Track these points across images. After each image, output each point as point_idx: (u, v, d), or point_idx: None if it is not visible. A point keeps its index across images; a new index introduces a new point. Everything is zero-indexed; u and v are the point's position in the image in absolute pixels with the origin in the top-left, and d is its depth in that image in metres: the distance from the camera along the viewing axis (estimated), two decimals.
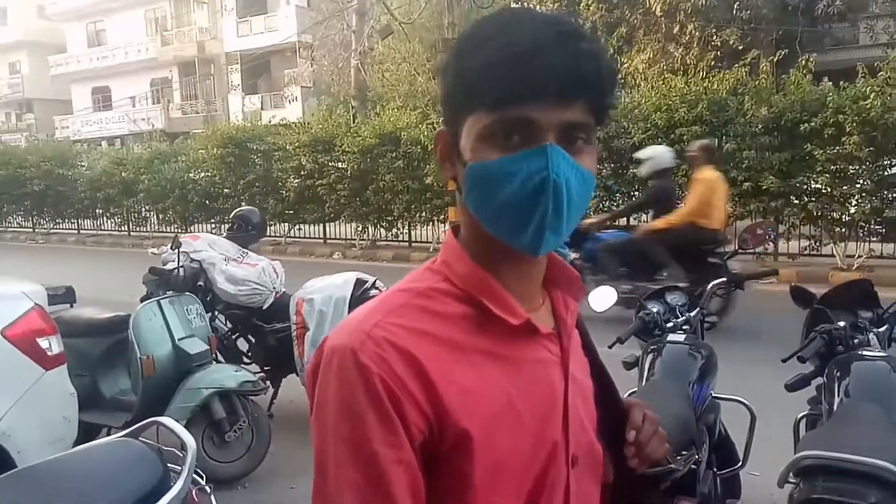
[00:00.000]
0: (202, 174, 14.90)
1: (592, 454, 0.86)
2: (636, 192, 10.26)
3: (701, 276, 4.45)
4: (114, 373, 4.15)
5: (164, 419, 2.39)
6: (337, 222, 13.54)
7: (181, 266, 3.98)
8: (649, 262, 6.18)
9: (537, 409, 0.78)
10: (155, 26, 30.73)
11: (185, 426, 3.57)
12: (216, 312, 4.60)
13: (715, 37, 14.92)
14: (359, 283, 4.25)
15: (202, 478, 2.48)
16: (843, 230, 8.91)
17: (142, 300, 3.91)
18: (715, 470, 2.54)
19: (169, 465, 2.21)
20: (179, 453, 2.23)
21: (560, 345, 0.83)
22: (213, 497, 2.24)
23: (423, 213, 12.09)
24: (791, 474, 1.86)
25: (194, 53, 29.06)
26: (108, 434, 3.69)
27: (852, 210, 8.70)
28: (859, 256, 8.84)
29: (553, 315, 0.86)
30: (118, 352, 4.05)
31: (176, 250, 4.03)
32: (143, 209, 16.47)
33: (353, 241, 13.18)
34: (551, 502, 0.79)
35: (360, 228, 12.99)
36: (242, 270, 4.40)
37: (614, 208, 10.34)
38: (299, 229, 14.12)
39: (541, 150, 0.70)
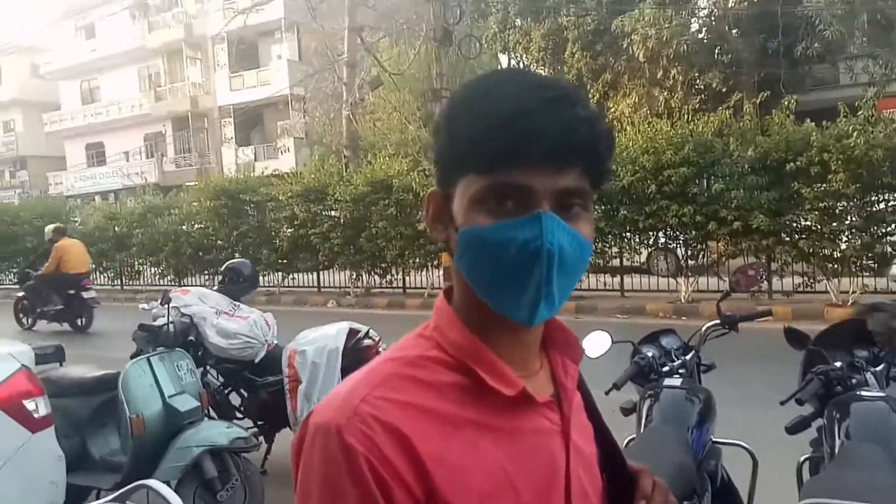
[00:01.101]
0: (195, 226, 14.95)
1: None
2: (627, 234, 10.34)
3: None
4: (104, 432, 4.07)
5: (152, 482, 2.35)
6: (331, 270, 13.54)
7: (171, 322, 3.94)
8: None
9: (537, 483, 0.74)
10: (148, 82, 31.17)
11: (176, 486, 3.53)
12: (208, 367, 4.54)
13: (698, 80, 15.27)
14: (352, 332, 4.21)
15: None
16: (836, 266, 8.95)
17: (132, 357, 3.86)
18: None
19: None
20: None
21: (560, 412, 0.80)
22: None
23: (417, 259, 12.10)
24: None
25: (188, 108, 29.41)
26: (98, 496, 3.60)
27: (843, 246, 8.75)
28: (853, 292, 8.85)
29: (552, 380, 0.82)
30: (108, 411, 3.97)
31: (166, 306, 4.00)
32: (136, 263, 16.47)
33: (347, 289, 13.14)
34: None
35: (353, 276, 12.98)
36: (234, 324, 4.36)
37: (605, 249, 10.40)
38: (293, 278, 14.09)
39: (535, 217, 0.69)
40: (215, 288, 4.88)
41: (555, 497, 0.76)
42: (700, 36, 16.18)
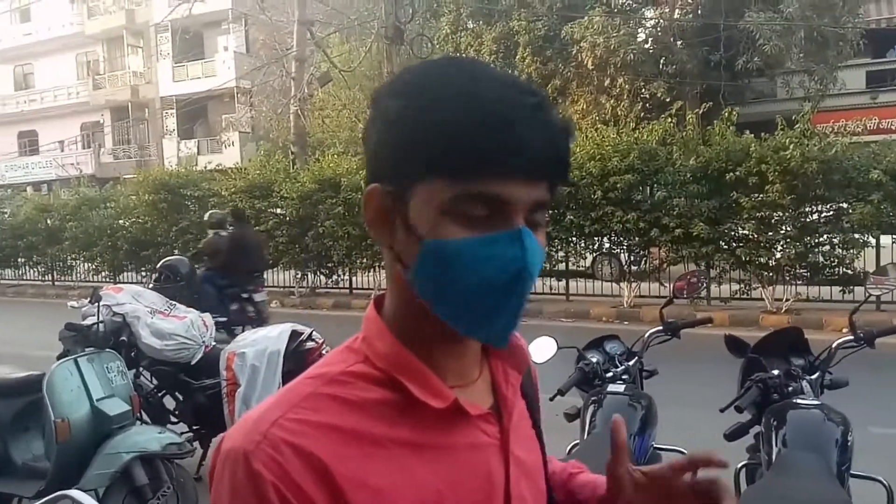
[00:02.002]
0: (133, 221, 14.43)
1: None
2: (573, 238, 10.47)
3: None
4: (26, 437, 3.86)
5: (74, 492, 2.22)
6: (275, 269, 13.26)
7: (101, 321, 3.76)
8: None
9: (473, 500, 0.70)
10: (87, 70, 30.04)
11: (104, 494, 3.37)
12: (141, 369, 4.37)
13: (643, 90, 15.62)
14: (294, 335, 4.10)
15: None
16: (771, 274, 9.26)
17: (58, 358, 3.67)
18: None
19: None
20: None
21: (500, 424, 0.75)
22: None
23: (364, 260, 11.96)
24: None
25: (128, 98, 28.47)
26: None
27: (778, 255, 9.06)
28: (787, 300, 9.18)
29: (493, 389, 0.77)
30: (32, 414, 3.77)
31: (96, 304, 3.81)
32: (69, 258, 15.81)
33: (291, 289, 12.91)
34: None
35: (298, 275, 12.75)
36: (169, 324, 4.20)
37: (552, 253, 10.51)
38: None
39: (514, 234, 0.64)
40: (150, 286, 4.69)
41: None
42: (646, 46, 16.58)
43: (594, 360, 2.78)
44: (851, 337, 2.64)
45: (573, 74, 16.37)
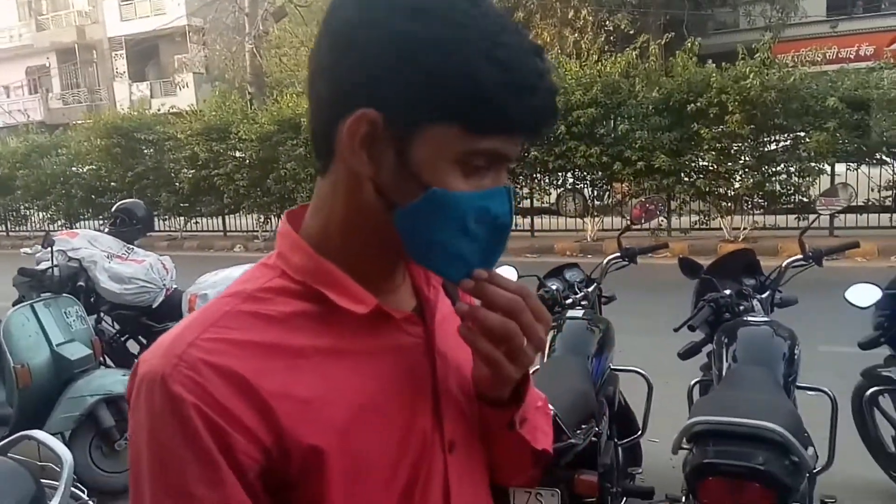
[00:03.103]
0: (86, 168, 13.99)
1: (475, 435, 0.80)
2: (537, 174, 10.48)
3: None
4: None
5: (36, 432, 2.21)
6: (237, 214, 13.05)
7: (56, 265, 3.67)
8: None
9: (400, 400, 0.71)
10: (28, 10, 28.50)
11: (70, 437, 3.37)
12: (101, 314, 4.32)
13: (607, 22, 15.41)
14: None
15: (83, 492, 2.31)
16: (729, 204, 9.43)
17: (14, 304, 3.60)
18: (616, 440, 2.60)
19: (46, 481, 2.05)
20: (57, 468, 2.06)
21: (424, 325, 0.76)
22: None
23: None
24: (684, 440, 1.91)
25: (74, 39, 27.18)
26: None
27: (736, 185, 9.22)
28: (744, 229, 9.38)
29: (415, 293, 0.78)
30: None
31: (49, 248, 3.72)
32: (22, 207, 15.35)
33: (255, 233, 12.76)
34: (428, 493, 0.72)
35: (261, 219, 12.58)
36: (128, 268, 4.13)
37: (517, 191, 10.52)
38: (196, 223, 13.49)
39: (507, 190, 0.68)
40: (106, 230, 4.58)
41: (422, 411, 0.73)
42: None
43: (554, 287, 2.83)
44: (801, 256, 2.72)
45: (537, 6, 16.06)
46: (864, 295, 2.61)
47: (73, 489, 2.11)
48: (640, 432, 2.79)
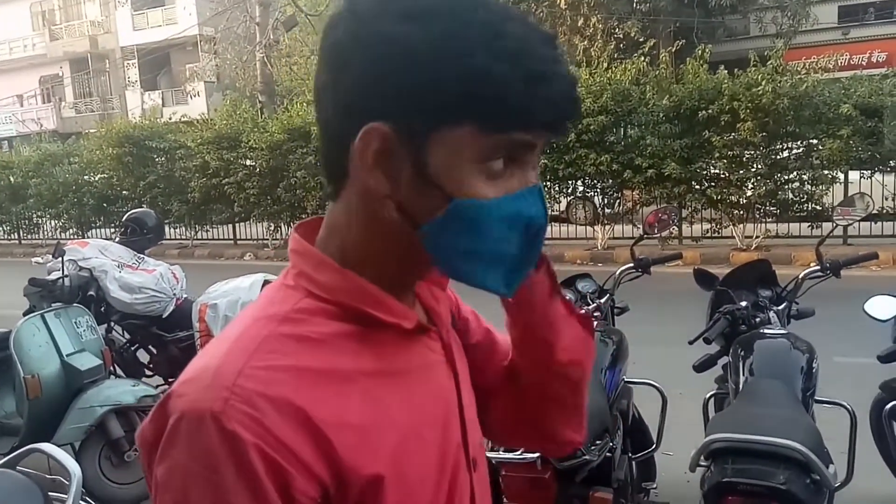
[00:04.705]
0: (98, 176, 14.06)
1: (483, 452, 0.79)
2: (547, 182, 10.44)
3: None
4: None
5: (45, 446, 2.20)
6: (247, 222, 13.08)
7: (66, 275, 3.68)
8: None
9: (437, 419, 0.69)
10: (42, 20, 28.82)
11: (80, 448, 3.37)
12: (112, 324, 4.32)
13: (617, 29, 15.41)
14: (266, 285, 4.06)
15: None
16: (741, 213, 9.35)
17: (24, 314, 3.60)
18: (630, 454, 2.56)
19: (54, 494, 2.03)
20: (66, 481, 2.05)
21: (440, 340, 0.73)
22: None
23: None
24: (702, 457, 1.87)
25: (86, 48, 27.46)
26: None
27: (748, 193, 9.14)
28: (757, 237, 9.30)
29: (424, 308, 0.75)
30: (1, 372, 3.71)
31: (59, 258, 3.72)
32: (34, 215, 15.45)
33: (265, 241, 12.78)
34: None
35: (272, 227, 12.60)
36: (138, 277, 4.13)
37: None
38: (207, 231, 13.54)
39: (536, 189, 0.64)
40: (117, 240, 4.59)
41: (453, 428, 0.71)
42: None
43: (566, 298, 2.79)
44: (818, 268, 2.67)
45: (546, 14, 16.06)
46: (884, 307, 2.55)
47: (81, 503, 2.09)
48: (654, 446, 2.75)
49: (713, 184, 9.36)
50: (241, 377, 0.57)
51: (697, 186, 9.46)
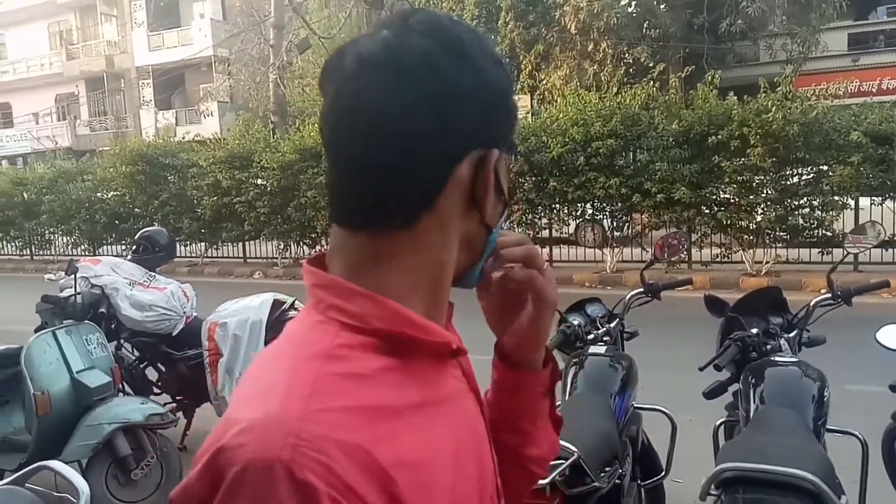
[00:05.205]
0: (111, 193, 14.22)
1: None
2: (556, 205, 10.47)
3: None
4: (6, 410, 3.83)
5: (53, 463, 2.20)
6: (257, 241, 13.15)
7: (79, 293, 3.71)
8: None
9: (474, 448, 0.68)
10: (59, 40, 29.29)
11: (87, 465, 3.37)
12: (122, 341, 4.34)
13: (626, 54, 15.51)
14: (276, 304, 4.08)
15: None
16: (751, 238, 9.32)
17: (36, 331, 3.62)
18: (639, 482, 2.54)
19: None
20: (74, 499, 2.05)
21: (460, 367, 0.72)
22: None
23: None
24: (712, 486, 1.85)
25: (102, 68, 27.84)
26: (2, 477, 3.39)
27: (758, 218, 9.12)
28: (767, 262, 9.26)
29: None
30: (11, 387, 3.73)
31: (72, 276, 3.75)
32: (47, 231, 15.59)
33: (274, 260, 12.83)
34: None
35: (281, 246, 12.66)
36: (149, 295, 4.16)
37: (536, 221, 10.51)
38: (217, 249, 13.61)
39: None
40: (129, 258, 4.63)
41: (487, 459, 0.71)
42: (630, 10, 16.41)
43: (576, 322, 2.78)
44: (829, 295, 2.66)
45: (556, 39, 16.20)
46: None
47: None
48: (663, 473, 2.72)
49: (723, 208, 9.35)
50: (307, 422, 0.54)
51: (707, 211, 9.46)
